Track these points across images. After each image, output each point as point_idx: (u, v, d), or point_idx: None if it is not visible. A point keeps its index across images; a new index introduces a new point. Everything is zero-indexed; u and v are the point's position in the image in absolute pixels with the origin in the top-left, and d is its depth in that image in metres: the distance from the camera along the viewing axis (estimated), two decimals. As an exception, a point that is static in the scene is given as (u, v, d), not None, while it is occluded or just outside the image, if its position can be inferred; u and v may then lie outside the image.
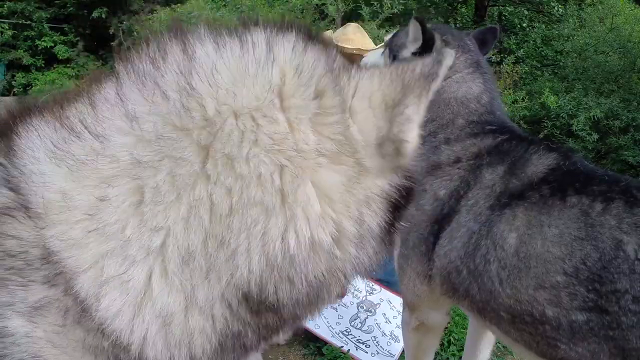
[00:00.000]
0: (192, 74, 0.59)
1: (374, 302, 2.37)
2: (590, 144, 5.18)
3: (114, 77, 0.62)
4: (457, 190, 1.38)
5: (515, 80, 6.80)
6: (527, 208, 1.25)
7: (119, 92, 0.60)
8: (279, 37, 0.63)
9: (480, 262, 1.27)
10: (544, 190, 1.26)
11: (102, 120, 0.59)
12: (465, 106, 1.49)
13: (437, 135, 1.48)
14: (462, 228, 1.33)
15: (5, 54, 8.91)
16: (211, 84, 0.59)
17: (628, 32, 6.32)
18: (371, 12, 5.41)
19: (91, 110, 0.60)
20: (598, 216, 1.16)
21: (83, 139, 0.58)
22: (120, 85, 0.61)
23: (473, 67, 1.53)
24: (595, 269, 1.11)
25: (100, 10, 8.67)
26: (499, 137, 1.42)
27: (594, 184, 1.23)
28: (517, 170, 1.33)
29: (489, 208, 1.31)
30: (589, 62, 6.34)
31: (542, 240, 1.19)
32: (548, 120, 5.41)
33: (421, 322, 1.54)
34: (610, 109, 5.40)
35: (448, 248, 1.35)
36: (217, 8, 5.43)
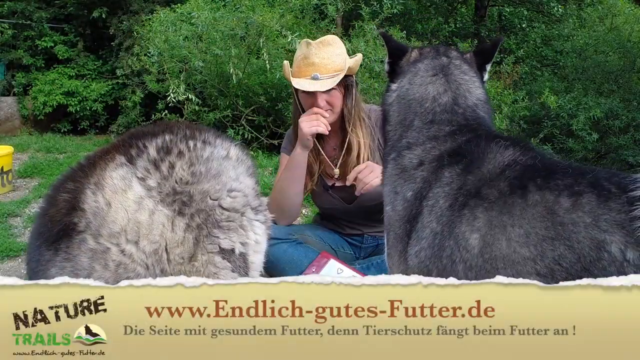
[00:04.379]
0: None
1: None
2: (590, 144, 5.18)
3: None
4: (420, 191, 1.39)
5: (515, 80, 6.80)
6: (486, 208, 1.22)
7: None
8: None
9: (447, 262, 1.27)
10: (503, 188, 1.22)
11: None
12: (420, 106, 1.56)
13: (401, 140, 1.54)
14: (426, 229, 1.34)
15: (5, 54, 8.89)
16: None
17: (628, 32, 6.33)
18: (371, 12, 5.41)
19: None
20: (568, 213, 1.11)
21: None
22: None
23: (435, 71, 1.61)
24: (575, 270, 1.09)
25: (100, 10, 8.66)
26: (459, 137, 1.43)
27: (557, 177, 1.18)
28: (474, 169, 1.31)
29: (449, 208, 1.30)
30: (588, 62, 6.34)
31: (507, 241, 1.17)
32: (548, 120, 5.42)
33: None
34: (610, 108, 5.41)
35: (417, 248, 1.36)
36: (216, 8, 5.42)
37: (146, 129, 1.70)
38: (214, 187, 1.57)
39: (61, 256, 1.44)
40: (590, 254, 1.08)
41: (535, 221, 1.15)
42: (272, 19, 4.84)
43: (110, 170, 1.52)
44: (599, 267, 1.06)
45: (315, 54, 2.23)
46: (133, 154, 1.57)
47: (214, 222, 1.54)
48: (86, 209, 1.46)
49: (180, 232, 1.49)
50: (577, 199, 1.12)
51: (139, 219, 1.46)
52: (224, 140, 1.74)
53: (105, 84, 8.91)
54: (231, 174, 1.64)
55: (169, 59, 5.44)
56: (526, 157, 1.29)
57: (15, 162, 6.31)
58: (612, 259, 1.06)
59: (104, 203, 1.46)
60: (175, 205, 1.51)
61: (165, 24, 5.74)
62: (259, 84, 5.49)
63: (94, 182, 1.49)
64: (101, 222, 1.45)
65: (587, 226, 1.09)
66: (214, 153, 1.64)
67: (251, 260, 1.63)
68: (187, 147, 1.61)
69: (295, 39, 4.68)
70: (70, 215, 1.46)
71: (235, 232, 1.58)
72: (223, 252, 1.55)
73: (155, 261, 1.46)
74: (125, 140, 1.64)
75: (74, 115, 8.80)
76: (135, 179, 1.51)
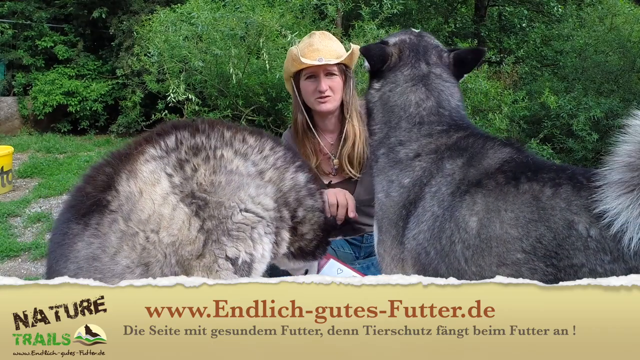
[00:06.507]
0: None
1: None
2: (590, 144, 5.17)
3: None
4: (421, 179, 1.55)
5: (515, 80, 6.80)
6: (485, 195, 1.40)
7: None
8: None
9: (446, 243, 1.42)
10: (500, 179, 1.41)
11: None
12: (404, 111, 1.68)
13: (390, 138, 1.67)
14: (427, 212, 1.49)
15: (5, 54, 8.89)
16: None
17: (628, 32, 6.31)
18: (371, 12, 5.41)
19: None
20: (548, 200, 1.31)
21: None
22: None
23: (414, 81, 1.71)
24: (551, 246, 1.27)
25: (100, 10, 8.66)
26: (454, 133, 1.59)
27: (543, 172, 1.38)
28: (474, 162, 1.50)
29: (451, 194, 1.47)
30: (588, 62, 6.33)
31: (500, 224, 1.35)
32: (548, 120, 5.41)
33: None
34: (610, 108, 5.39)
35: (416, 231, 1.50)
36: (216, 8, 5.42)
37: (188, 123, 1.73)
38: (229, 201, 1.60)
39: (90, 231, 1.50)
40: (562, 232, 1.27)
41: (523, 206, 1.33)
42: (272, 19, 4.84)
43: (142, 162, 1.59)
44: (569, 242, 1.25)
45: (320, 41, 2.40)
46: (168, 147, 1.64)
47: (224, 230, 1.58)
48: (120, 191, 1.55)
49: (194, 231, 1.55)
50: (557, 188, 1.32)
51: (162, 212, 1.53)
52: (265, 158, 1.74)
53: (105, 84, 8.92)
54: (251, 192, 1.64)
55: (169, 59, 5.44)
56: (520, 155, 1.49)
57: (15, 162, 6.31)
58: (579, 235, 1.24)
59: (136, 190, 1.54)
60: (193, 206, 1.57)
61: (165, 24, 5.74)
62: (259, 84, 5.48)
63: (129, 169, 1.57)
64: (132, 207, 1.52)
65: (562, 210, 1.29)
66: (239, 167, 1.66)
67: (255, 267, 1.65)
68: (215, 155, 1.64)
69: (295, 39, 4.68)
70: (105, 192, 1.54)
71: (244, 242, 1.61)
72: (229, 259, 1.59)
73: (172, 252, 1.53)
74: (165, 130, 1.69)
75: (74, 115, 8.80)
76: (164, 174, 1.58)
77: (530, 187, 1.35)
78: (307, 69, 2.39)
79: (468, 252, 1.37)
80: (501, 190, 1.38)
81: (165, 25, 5.72)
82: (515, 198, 1.35)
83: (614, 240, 1.20)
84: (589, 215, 1.24)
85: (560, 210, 1.28)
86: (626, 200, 1.19)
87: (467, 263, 1.36)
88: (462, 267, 1.37)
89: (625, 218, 1.18)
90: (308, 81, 2.42)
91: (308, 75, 2.41)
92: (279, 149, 1.80)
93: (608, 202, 1.21)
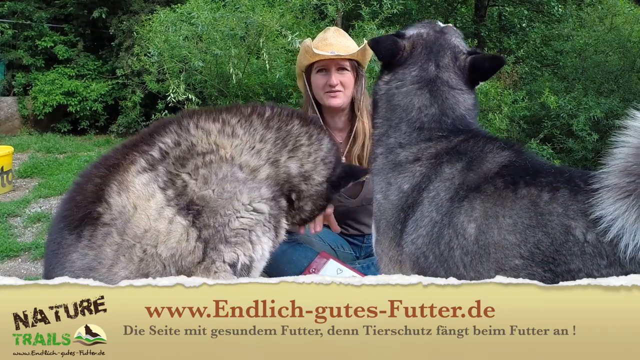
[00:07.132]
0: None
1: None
2: (590, 144, 5.17)
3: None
4: (419, 184, 1.54)
5: (515, 80, 6.79)
6: (483, 200, 1.39)
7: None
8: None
9: (445, 248, 1.41)
10: (498, 183, 1.40)
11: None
12: (406, 114, 1.65)
13: (390, 138, 1.66)
14: (426, 218, 1.48)
15: (5, 54, 8.89)
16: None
17: (628, 32, 6.31)
18: (371, 12, 5.40)
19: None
20: (546, 205, 1.30)
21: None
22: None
23: (420, 84, 1.66)
24: (549, 252, 1.26)
25: (100, 10, 8.66)
26: (454, 138, 1.57)
27: (541, 176, 1.37)
28: (474, 166, 1.48)
29: (449, 200, 1.45)
30: (588, 62, 6.32)
31: (499, 230, 1.34)
32: (548, 120, 5.40)
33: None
34: (610, 108, 5.39)
35: (414, 235, 1.49)
36: (216, 8, 5.42)
37: (169, 127, 1.66)
38: (224, 209, 1.58)
39: (83, 243, 1.48)
40: (560, 238, 1.26)
41: (521, 212, 1.32)
42: (272, 19, 4.84)
43: (134, 174, 1.56)
44: (566, 248, 1.24)
45: (334, 37, 2.42)
46: (154, 158, 1.59)
47: (222, 238, 1.57)
48: (112, 204, 1.52)
49: (193, 241, 1.54)
50: (554, 193, 1.31)
51: (158, 228, 1.51)
52: (258, 153, 1.68)
53: (105, 84, 8.92)
54: (244, 199, 1.61)
55: (169, 59, 5.43)
56: (520, 158, 1.47)
57: (15, 162, 6.31)
58: (576, 240, 1.23)
59: (130, 205, 1.51)
60: (190, 217, 1.56)
61: (165, 24, 5.74)
62: (259, 84, 5.48)
63: (119, 179, 1.54)
64: (126, 222, 1.50)
65: (559, 215, 1.28)
66: (227, 176, 1.61)
67: (255, 266, 1.65)
68: (204, 162, 1.60)
69: (295, 39, 4.68)
70: (95, 204, 1.51)
71: (242, 246, 1.61)
72: (228, 264, 1.59)
73: (172, 263, 1.52)
74: (146, 138, 1.64)
75: (74, 115, 8.80)
76: (158, 188, 1.56)
77: (528, 192, 1.34)
78: (318, 62, 2.39)
79: (467, 258, 1.37)
80: (499, 196, 1.37)
81: (165, 25, 5.72)
82: (514, 203, 1.34)
83: (611, 245, 1.20)
84: (586, 220, 1.24)
85: (557, 215, 1.28)
86: (622, 206, 1.18)
87: (465, 269, 1.36)
88: (460, 272, 1.37)
89: (622, 224, 1.17)
90: (319, 75, 2.42)
91: (319, 69, 2.41)
92: (269, 136, 1.73)
93: (604, 208, 1.20)
